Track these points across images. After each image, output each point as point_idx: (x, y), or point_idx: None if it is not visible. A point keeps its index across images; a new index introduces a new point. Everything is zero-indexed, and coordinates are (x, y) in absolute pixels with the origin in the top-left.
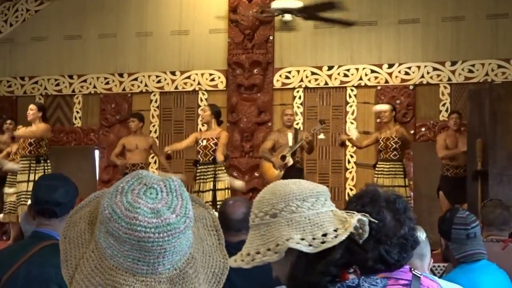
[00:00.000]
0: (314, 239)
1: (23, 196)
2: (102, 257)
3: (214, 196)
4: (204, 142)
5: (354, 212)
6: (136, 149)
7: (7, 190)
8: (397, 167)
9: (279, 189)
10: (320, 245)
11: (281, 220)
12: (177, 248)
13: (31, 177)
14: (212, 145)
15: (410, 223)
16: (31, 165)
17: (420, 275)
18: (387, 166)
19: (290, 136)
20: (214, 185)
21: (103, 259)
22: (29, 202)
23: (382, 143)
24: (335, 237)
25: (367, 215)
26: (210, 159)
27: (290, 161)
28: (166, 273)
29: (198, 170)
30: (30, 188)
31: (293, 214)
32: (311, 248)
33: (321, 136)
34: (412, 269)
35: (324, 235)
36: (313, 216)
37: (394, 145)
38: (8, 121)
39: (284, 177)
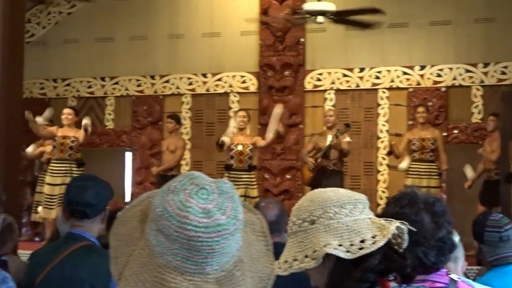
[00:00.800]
0: (352, 245)
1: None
2: (151, 254)
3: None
4: (240, 148)
5: (393, 220)
6: (166, 150)
7: (42, 189)
8: (433, 168)
9: (317, 196)
10: (358, 251)
11: (319, 227)
12: (225, 249)
13: None
14: (248, 151)
15: (448, 226)
16: (73, 169)
17: (458, 279)
18: (423, 167)
19: (329, 138)
20: (246, 193)
21: (152, 257)
22: None
23: (418, 143)
24: (373, 243)
25: (406, 223)
26: (246, 165)
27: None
28: (214, 274)
29: (231, 175)
30: None
31: (330, 220)
32: (348, 254)
33: (347, 138)
34: (449, 273)
35: (362, 241)
36: (351, 222)
37: (431, 146)
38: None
39: (314, 179)
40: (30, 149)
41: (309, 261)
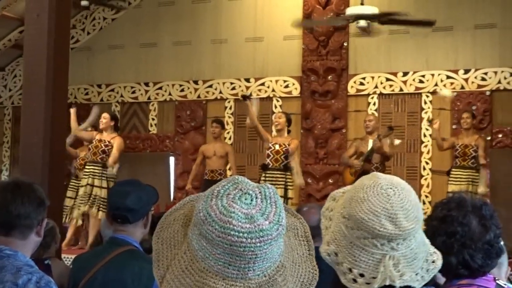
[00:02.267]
0: (341, 264)
1: (92, 199)
2: (193, 259)
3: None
4: (277, 147)
5: (438, 253)
6: (213, 155)
7: (71, 194)
8: (475, 175)
9: (356, 199)
10: (341, 274)
11: (339, 220)
12: (268, 254)
13: (104, 184)
14: (284, 151)
15: (496, 229)
16: (103, 172)
17: (504, 285)
18: (465, 174)
19: (370, 142)
20: (285, 193)
21: (194, 261)
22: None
23: (460, 149)
24: (354, 280)
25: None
26: (282, 165)
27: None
28: (256, 279)
29: (267, 175)
30: (103, 194)
31: (346, 228)
32: (334, 265)
33: (396, 142)
34: (497, 278)
35: (350, 270)
36: (356, 248)
37: (473, 153)
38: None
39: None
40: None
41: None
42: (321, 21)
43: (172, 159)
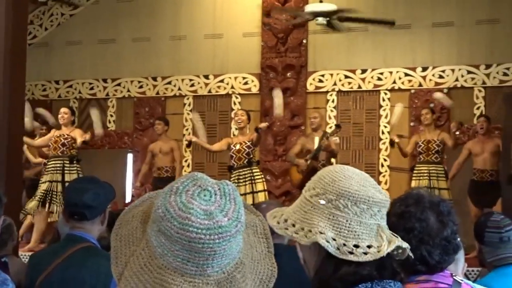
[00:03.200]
0: (344, 245)
1: (54, 196)
2: (152, 255)
3: (254, 199)
4: (238, 146)
5: (398, 237)
6: (159, 153)
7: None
8: (439, 169)
9: (340, 179)
10: (347, 255)
11: (324, 210)
12: (227, 251)
13: (66, 178)
14: (246, 148)
15: (453, 226)
16: (65, 165)
17: (461, 281)
18: (429, 169)
19: (316, 140)
20: (252, 188)
21: (153, 258)
22: None
23: (423, 145)
24: (364, 253)
25: (408, 245)
26: (245, 162)
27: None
28: (214, 276)
29: (233, 175)
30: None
31: (337, 211)
32: (338, 252)
33: (336, 139)
34: (454, 274)
35: (356, 246)
36: (354, 223)
37: (436, 148)
38: (44, 127)
39: (304, 181)
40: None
41: (302, 236)
42: (290, 9)
43: (130, 156)
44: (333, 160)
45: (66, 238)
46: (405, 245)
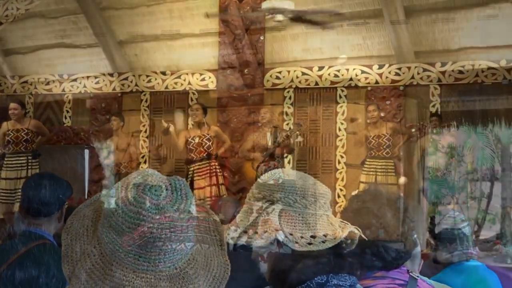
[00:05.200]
0: (302, 237)
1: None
2: (103, 252)
3: (214, 191)
4: (197, 140)
5: (348, 223)
6: (116, 149)
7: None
8: (389, 165)
9: (283, 179)
10: (307, 246)
11: (276, 209)
12: (178, 247)
13: (30, 173)
14: (206, 141)
15: (410, 222)
16: (29, 161)
17: (417, 277)
18: (380, 164)
19: (268, 136)
20: (212, 181)
21: (104, 255)
22: None
23: (374, 141)
24: (323, 242)
25: (359, 229)
26: (204, 155)
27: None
28: (167, 271)
29: (192, 168)
30: None
31: (288, 207)
32: (296, 245)
33: (299, 138)
34: (410, 271)
35: (313, 237)
36: (307, 215)
37: (387, 142)
38: None
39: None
40: None
41: (258, 239)
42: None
43: (87, 152)
44: (289, 156)
45: (22, 234)
46: (357, 231)
